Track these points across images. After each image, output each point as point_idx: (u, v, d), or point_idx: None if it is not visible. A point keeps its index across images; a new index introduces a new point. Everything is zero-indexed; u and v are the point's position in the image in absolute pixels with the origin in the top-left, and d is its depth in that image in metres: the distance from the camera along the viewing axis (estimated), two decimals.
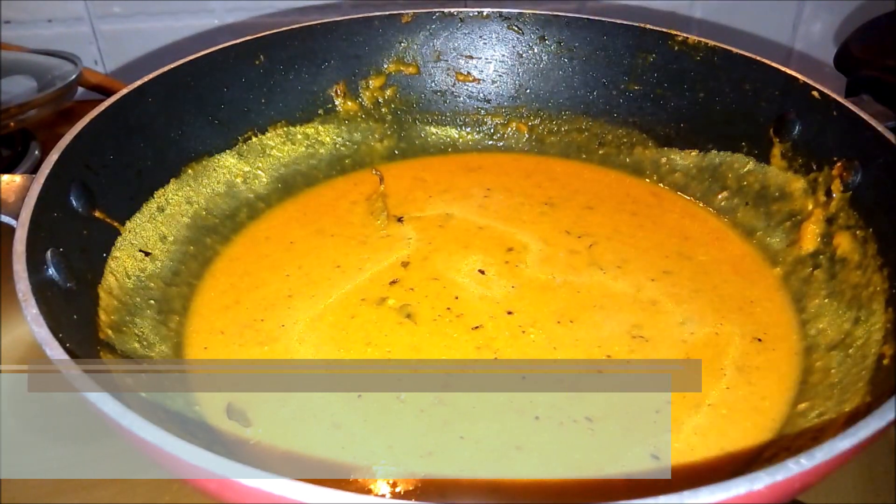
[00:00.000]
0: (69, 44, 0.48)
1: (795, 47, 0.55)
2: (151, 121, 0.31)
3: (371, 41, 0.38)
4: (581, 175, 0.38)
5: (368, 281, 0.30)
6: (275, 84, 0.36)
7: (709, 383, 0.25)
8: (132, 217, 0.28)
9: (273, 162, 0.36)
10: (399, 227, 0.33)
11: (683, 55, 0.36)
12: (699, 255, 0.31)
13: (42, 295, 0.20)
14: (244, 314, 0.28)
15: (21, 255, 0.20)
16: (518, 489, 0.21)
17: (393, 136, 0.39)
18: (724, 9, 0.53)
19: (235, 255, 0.32)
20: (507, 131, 0.40)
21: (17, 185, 0.24)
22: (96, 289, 0.25)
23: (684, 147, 0.37)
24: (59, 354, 0.18)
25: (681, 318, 0.28)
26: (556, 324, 0.27)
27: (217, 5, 0.50)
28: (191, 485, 0.17)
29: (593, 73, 0.38)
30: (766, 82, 0.33)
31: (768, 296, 0.29)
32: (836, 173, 0.29)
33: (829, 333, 0.26)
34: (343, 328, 0.27)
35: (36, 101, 0.38)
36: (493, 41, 0.40)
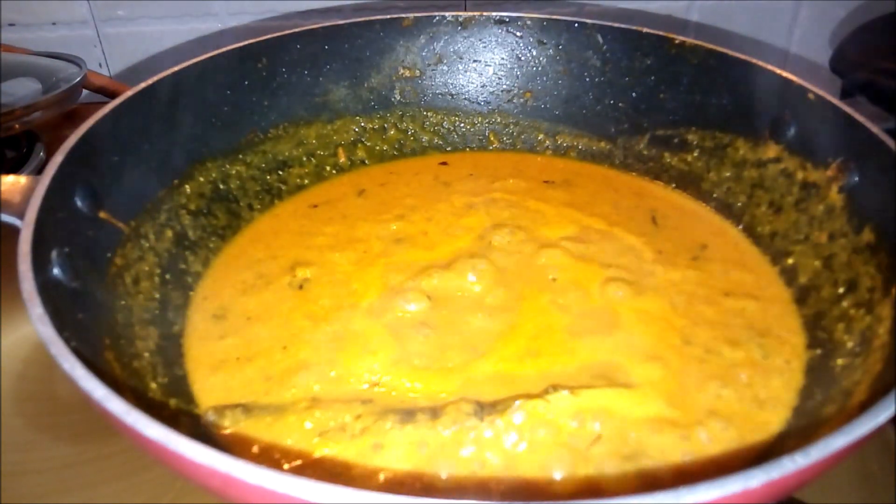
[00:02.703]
0: (73, 46, 0.48)
1: (791, 50, 0.55)
2: (155, 123, 0.31)
3: (372, 44, 0.38)
4: (580, 173, 0.38)
5: (370, 278, 0.30)
6: (277, 87, 0.36)
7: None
8: (137, 217, 0.29)
9: (274, 163, 0.36)
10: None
11: (680, 58, 0.36)
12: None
13: (47, 295, 0.20)
14: (244, 315, 0.28)
15: (26, 255, 0.21)
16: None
17: (393, 136, 0.40)
18: (720, 12, 0.53)
19: (237, 254, 0.32)
20: (506, 132, 0.41)
21: (22, 185, 0.24)
22: (101, 288, 0.25)
23: (681, 148, 0.37)
24: (63, 353, 0.18)
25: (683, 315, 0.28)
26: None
27: (220, 9, 0.51)
28: (194, 483, 0.17)
29: (591, 75, 0.39)
30: (763, 85, 0.33)
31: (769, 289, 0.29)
32: (831, 175, 0.30)
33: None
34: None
35: (41, 104, 0.39)
36: (492, 45, 0.40)
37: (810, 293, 0.29)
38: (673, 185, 0.37)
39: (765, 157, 0.33)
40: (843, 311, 0.26)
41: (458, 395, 0.24)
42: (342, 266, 0.31)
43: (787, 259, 0.31)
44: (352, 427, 0.23)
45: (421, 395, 0.25)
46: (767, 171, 0.33)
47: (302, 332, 0.27)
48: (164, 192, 0.31)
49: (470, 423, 0.23)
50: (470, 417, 0.23)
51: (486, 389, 0.25)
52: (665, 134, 0.37)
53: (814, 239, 0.30)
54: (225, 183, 0.34)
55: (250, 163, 0.36)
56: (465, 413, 0.23)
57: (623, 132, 0.39)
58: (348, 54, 0.38)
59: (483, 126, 0.41)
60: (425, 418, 0.23)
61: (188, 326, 0.28)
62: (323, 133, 0.38)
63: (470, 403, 0.23)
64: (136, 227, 0.28)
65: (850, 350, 0.25)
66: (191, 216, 0.32)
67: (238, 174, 0.35)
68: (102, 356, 0.22)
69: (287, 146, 0.37)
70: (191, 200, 0.32)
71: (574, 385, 0.24)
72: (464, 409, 0.23)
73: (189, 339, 0.27)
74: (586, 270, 0.30)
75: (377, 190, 0.37)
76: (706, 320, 0.28)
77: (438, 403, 0.24)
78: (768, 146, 0.33)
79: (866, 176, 0.28)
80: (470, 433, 0.23)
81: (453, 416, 0.23)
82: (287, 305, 0.29)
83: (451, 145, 0.41)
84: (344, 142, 0.39)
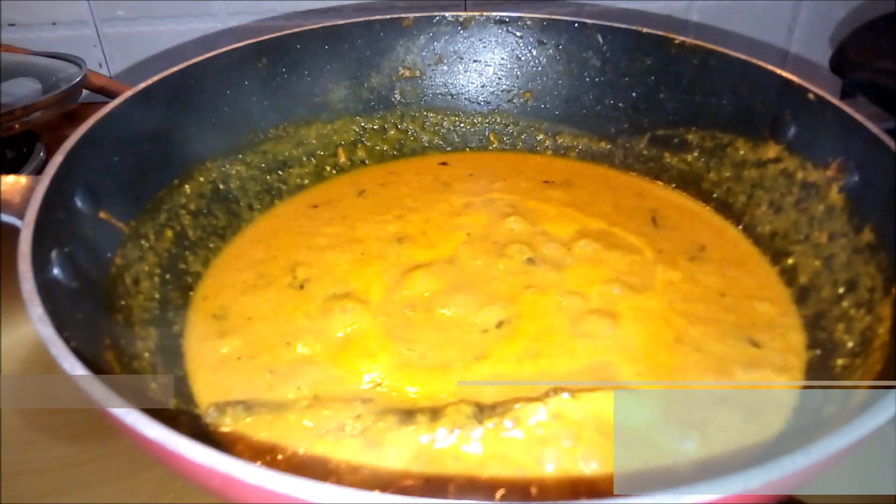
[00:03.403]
0: (73, 47, 0.48)
1: (791, 50, 0.55)
2: (155, 123, 0.31)
3: (372, 45, 0.38)
4: (580, 173, 0.38)
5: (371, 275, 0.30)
6: (277, 87, 0.36)
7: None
8: (137, 217, 0.29)
9: (274, 163, 0.36)
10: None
11: (680, 58, 0.36)
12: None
13: (47, 295, 0.20)
14: (244, 315, 0.28)
15: (26, 255, 0.21)
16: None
17: (393, 136, 0.40)
18: (720, 12, 0.53)
19: (237, 254, 0.32)
20: (506, 132, 0.41)
21: (22, 186, 0.24)
22: (101, 288, 0.25)
23: (681, 148, 0.37)
24: (63, 353, 0.18)
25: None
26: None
27: (220, 9, 0.51)
28: (194, 483, 0.17)
29: (591, 75, 0.39)
30: (763, 85, 0.33)
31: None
32: (831, 175, 0.30)
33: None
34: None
35: (41, 104, 0.39)
36: (492, 45, 0.40)
37: (810, 293, 0.29)
38: (673, 185, 0.37)
39: (765, 157, 0.33)
40: (843, 311, 0.26)
41: (457, 397, 0.24)
42: (342, 266, 0.31)
43: (787, 259, 0.31)
44: (352, 426, 0.23)
45: (421, 395, 0.25)
46: (767, 171, 0.33)
47: (302, 332, 0.27)
48: (164, 192, 0.31)
49: (469, 424, 0.23)
50: (469, 419, 0.23)
51: (486, 391, 0.25)
52: (665, 134, 0.37)
53: (814, 239, 0.30)
54: (225, 183, 0.34)
55: (250, 163, 0.36)
56: (464, 415, 0.23)
57: (623, 132, 0.39)
58: (348, 54, 0.38)
59: (483, 126, 0.41)
60: (425, 419, 0.23)
61: (188, 326, 0.28)
62: (323, 133, 0.38)
63: (469, 405, 0.23)
64: (136, 227, 0.28)
65: (850, 350, 0.25)
66: (191, 216, 0.32)
67: (238, 174, 0.35)
68: (102, 356, 0.22)
69: (287, 146, 0.37)
70: (191, 200, 0.32)
71: (574, 388, 0.24)
72: (463, 411, 0.23)
73: (189, 339, 0.27)
74: (586, 271, 0.30)
75: (377, 190, 0.37)
76: (705, 320, 0.28)
77: (438, 404, 0.24)
78: (768, 146, 0.33)
79: (866, 176, 0.28)
80: (469, 435, 0.23)
81: (452, 417, 0.23)
82: (287, 305, 0.29)
83: (451, 145, 0.41)
84: (344, 142, 0.39)
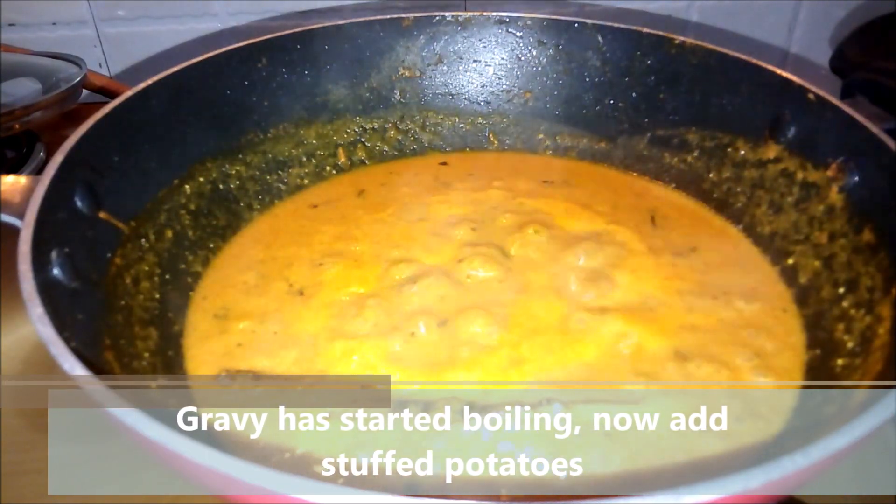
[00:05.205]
0: (73, 47, 0.48)
1: (791, 50, 0.55)
2: (155, 123, 0.31)
3: (372, 45, 0.38)
4: (580, 173, 0.38)
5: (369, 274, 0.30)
6: (277, 87, 0.36)
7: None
8: (137, 217, 0.29)
9: (274, 163, 0.36)
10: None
11: (680, 58, 0.36)
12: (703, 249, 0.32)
13: (47, 295, 0.20)
14: (244, 315, 0.28)
15: (26, 255, 0.21)
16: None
17: (393, 136, 0.40)
18: (720, 12, 0.53)
19: (237, 254, 0.32)
20: (506, 132, 0.41)
21: (22, 186, 0.24)
22: (101, 289, 0.25)
23: (681, 148, 0.37)
24: (63, 353, 0.18)
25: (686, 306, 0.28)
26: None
27: (220, 9, 0.51)
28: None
29: (591, 75, 0.39)
30: (762, 85, 0.33)
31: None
32: (831, 175, 0.30)
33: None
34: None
35: (41, 104, 0.39)
36: (492, 45, 0.40)
37: (810, 293, 0.29)
38: (673, 185, 0.37)
39: (765, 157, 0.33)
40: (843, 311, 0.26)
41: (451, 396, 0.24)
42: (341, 266, 0.31)
43: (787, 259, 0.31)
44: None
45: (415, 395, 0.25)
46: (767, 171, 0.33)
47: (302, 332, 0.27)
48: (164, 192, 0.31)
49: (461, 425, 0.23)
50: (461, 420, 0.23)
51: (480, 392, 0.24)
52: (665, 134, 0.37)
53: (814, 239, 0.30)
54: (225, 183, 0.34)
55: (250, 163, 0.36)
56: (455, 415, 0.23)
57: (623, 132, 0.39)
58: (348, 54, 0.38)
59: (483, 126, 0.41)
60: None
61: (188, 326, 0.28)
62: (323, 133, 0.38)
63: (461, 403, 0.23)
64: (136, 227, 0.28)
65: (850, 350, 0.25)
66: (191, 216, 0.32)
67: (238, 174, 0.35)
68: (102, 356, 0.22)
69: (287, 146, 0.37)
70: (191, 200, 0.32)
71: (568, 400, 0.24)
72: (454, 411, 0.23)
73: (189, 339, 0.27)
74: (586, 271, 0.30)
75: (377, 190, 0.37)
76: (705, 321, 0.28)
77: (430, 402, 0.24)
78: (768, 146, 0.33)
79: (866, 176, 0.28)
80: (462, 435, 0.23)
81: (443, 418, 0.23)
82: (287, 305, 0.29)
83: (451, 145, 0.41)
84: (344, 142, 0.39)
